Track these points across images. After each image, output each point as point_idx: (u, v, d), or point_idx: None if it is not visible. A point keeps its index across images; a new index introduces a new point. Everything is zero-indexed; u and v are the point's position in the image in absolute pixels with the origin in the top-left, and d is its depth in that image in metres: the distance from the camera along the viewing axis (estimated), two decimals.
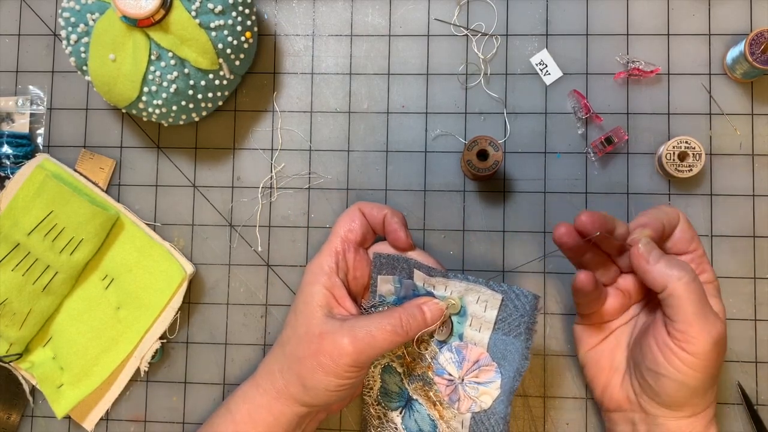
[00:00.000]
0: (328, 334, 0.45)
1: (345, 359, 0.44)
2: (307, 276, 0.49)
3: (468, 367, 0.48)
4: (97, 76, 0.52)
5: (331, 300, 0.48)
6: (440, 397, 0.50)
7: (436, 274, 0.48)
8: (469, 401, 0.48)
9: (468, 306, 0.48)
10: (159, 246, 0.57)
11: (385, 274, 0.50)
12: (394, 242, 0.50)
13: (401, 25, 0.58)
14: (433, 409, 0.50)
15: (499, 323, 0.47)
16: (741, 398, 0.54)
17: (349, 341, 0.45)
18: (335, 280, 0.49)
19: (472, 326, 0.48)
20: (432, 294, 0.49)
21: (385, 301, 0.50)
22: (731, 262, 0.55)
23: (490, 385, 0.48)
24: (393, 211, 0.50)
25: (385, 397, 0.53)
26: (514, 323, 0.46)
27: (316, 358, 0.45)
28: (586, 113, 0.55)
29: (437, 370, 0.50)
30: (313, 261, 0.50)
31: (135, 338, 0.56)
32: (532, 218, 0.56)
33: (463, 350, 0.49)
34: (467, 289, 0.48)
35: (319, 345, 0.45)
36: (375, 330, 0.45)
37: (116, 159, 0.59)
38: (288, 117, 0.58)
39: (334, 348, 0.45)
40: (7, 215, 0.55)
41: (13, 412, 0.58)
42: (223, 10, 0.51)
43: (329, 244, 0.50)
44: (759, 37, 0.52)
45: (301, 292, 0.49)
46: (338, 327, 0.46)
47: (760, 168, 0.55)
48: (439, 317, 0.48)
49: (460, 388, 0.49)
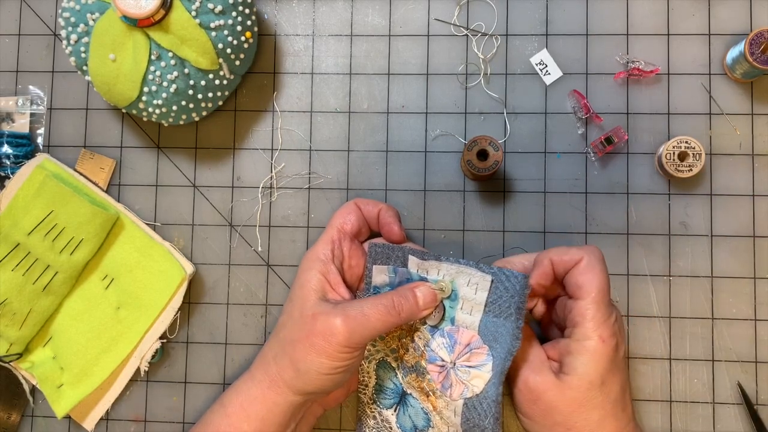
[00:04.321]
0: (321, 314, 0.46)
1: (337, 338, 0.45)
2: (303, 263, 0.50)
3: (459, 351, 0.49)
4: (97, 76, 0.52)
5: (325, 285, 0.49)
6: (433, 387, 0.50)
7: (429, 257, 0.49)
8: (461, 386, 0.48)
9: (459, 289, 0.49)
10: (159, 246, 0.57)
11: (380, 263, 0.51)
12: (388, 235, 0.51)
13: (401, 25, 0.58)
14: (426, 400, 0.51)
15: (490, 305, 0.48)
16: (741, 398, 0.54)
17: (342, 321, 0.45)
18: (330, 267, 0.49)
19: (464, 309, 0.49)
20: (425, 279, 0.50)
21: (379, 291, 0.51)
22: (731, 262, 0.55)
23: (482, 368, 0.48)
24: (388, 207, 0.52)
25: (380, 395, 0.53)
26: (505, 305, 0.47)
27: (308, 339, 0.45)
28: (586, 113, 0.55)
29: (430, 357, 0.50)
30: (309, 251, 0.51)
31: (135, 338, 0.56)
32: (532, 218, 0.56)
33: (454, 334, 0.49)
34: (458, 271, 0.48)
35: (312, 326, 0.46)
36: (367, 309, 0.46)
37: (116, 159, 0.59)
38: (288, 117, 0.58)
39: (326, 328, 0.45)
40: (7, 215, 0.55)
41: (13, 412, 0.58)
42: (223, 10, 0.51)
43: (325, 234, 0.51)
44: (759, 37, 0.52)
45: (297, 280, 0.50)
46: (331, 308, 0.46)
47: (760, 168, 0.55)
48: (432, 301, 0.48)
49: (452, 372, 0.49)
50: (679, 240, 0.55)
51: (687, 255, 0.55)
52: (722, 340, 0.54)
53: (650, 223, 0.56)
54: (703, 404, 0.54)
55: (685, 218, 0.55)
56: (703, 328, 0.55)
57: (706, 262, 0.55)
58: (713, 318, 0.55)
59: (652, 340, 0.55)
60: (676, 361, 0.55)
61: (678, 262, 0.55)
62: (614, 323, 0.45)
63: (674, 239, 0.55)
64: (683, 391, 0.54)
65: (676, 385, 0.54)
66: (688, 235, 0.55)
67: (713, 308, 0.55)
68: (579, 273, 0.46)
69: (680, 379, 0.54)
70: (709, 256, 0.55)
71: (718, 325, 0.55)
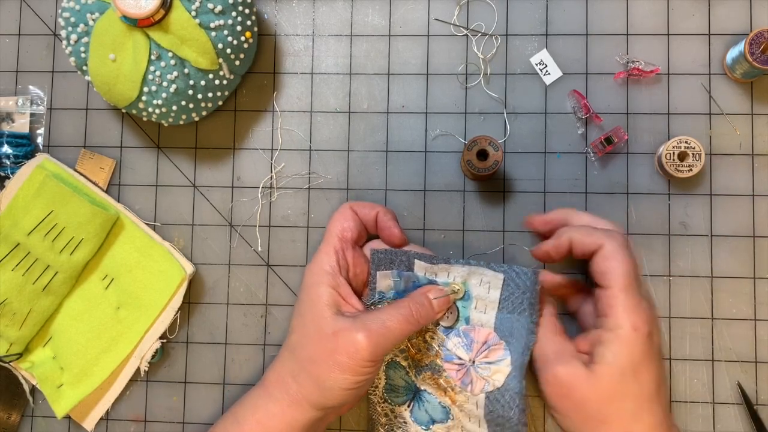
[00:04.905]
0: (342, 331, 0.45)
1: (362, 354, 0.44)
2: (310, 278, 0.49)
3: (477, 349, 0.49)
4: (97, 76, 0.52)
5: (338, 299, 0.48)
6: (451, 383, 0.50)
7: (439, 261, 0.49)
8: (482, 382, 0.49)
9: (472, 289, 0.49)
10: (159, 246, 0.57)
11: (384, 269, 0.50)
12: (389, 239, 0.51)
13: (401, 25, 0.58)
14: (444, 395, 0.51)
15: (503, 302, 0.48)
16: (741, 398, 0.54)
17: (364, 336, 0.44)
18: (339, 279, 0.49)
19: (477, 308, 0.49)
20: (435, 282, 0.50)
21: (385, 296, 0.51)
22: (731, 262, 0.55)
23: (500, 363, 0.48)
24: (385, 210, 0.51)
25: (391, 393, 0.53)
26: (517, 301, 0.48)
27: (332, 357, 0.45)
28: (586, 113, 0.55)
29: (446, 356, 0.50)
30: (312, 263, 0.49)
31: (135, 338, 0.56)
32: None
33: (470, 333, 0.49)
34: (470, 272, 0.49)
35: (334, 344, 0.45)
36: (388, 321, 0.45)
37: (116, 159, 0.59)
38: (288, 117, 0.58)
39: (350, 345, 0.44)
40: (7, 215, 0.55)
41: (13, 412, 0.58)
42: (223, 10, 0.51)
43: (327, 244, 0.50)
44: (759, 37, 0.52)
45: (307, 295, 0.48)
46: (351, 323, 0.45)
47: (760, 168, 0.55)
48: (445, 304, 0.49)
49: (472, 370, 0.49)
50: (679, 240, 0.55)
51: (687, 255, 0.55)
52: (722, 340, 0.54)
53: (650, 223, 0.56)
54: (703, 404, 0.54)
55: (685, 218, 0.55)
56: (703, 328, 0.55)
57: (706, 262, 0.55)
58: (713, 318, 0.55)
59: None
60: (676, 361, 0.55)
61: (678, 262, 0.55)
62: (646, 310, 0.44)
63: (674, 239, 0.55)
64: (683, 391, 0.54)
65: (676, 385, 0.54)
66: (688, 235, 0.55)
67: (713, 308, 0.55)
68: (603, 259, 0.45)
69: (680, 379, 0.54)
70: (709, 256, 0.55)
71: (718, 325, 0.55)
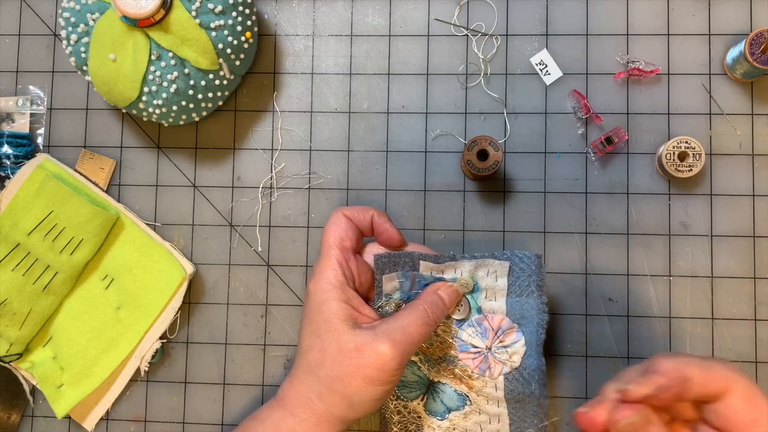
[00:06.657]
0: (366, 345, 0.44)
1: (390, 364, 0.44)
2: (319, 295, 0.47)
3: (493, 335, 0.50)
4: (97, 76, 0.52)
5: (352, 311, 0.47)
6: (467, 371, 0.51)
7: (444, 260, 0.50)
8: (500, 365, 0.50)
9: (480, 281, 0.51)
10: (159, 246, 0.57)
11: (389, 272, 0.50)
12: (388, 241, 0.50)
13: (401, 25, 0.58)
14: (461, 383, 0.51)
15: (511, 287, 0.50)
16: None
17: (390, 346, 0.44)
18: (349, 291, 0.47)
19: (488, 297, 0.51)
20: (442, 279, 0.50)
21: (391, 298, 0.50)
22: (731, 262, 0.55)
23: (516, 344, 0.50)
24: (379, 212, 0.50)
25: (404, 390, 0.53)
26: (524, 284, 0.50)
27: (359, 372, 0.44)
28: (586, 113, 0.55)
29: (461, 347, 0.51)
30: (316, 279, 0.48)
31: (135, 338, 0.56)
32: (532, 218, 0.56)
33: (483, 322, 0.51)
34: (476, 265, 0.50)
35: (359, 359, 0.44)
36: (408, 326, 0.45)
37: (116, 159, 0.59)
38: (288, 117, 0.58)
39: (377, 358, 0.44)
40: (7, 215, 0.55)
41: (13, 412, 0.58)
42: (223, 10, 0.51)
43: (327, 257, 0.48)
44: (759, 37, 0.52)
45: (319, 313, 0.47)
46: (372, 336, 0.45)
47: (760, 168, 0.55)
48: (455, 299, 0.49)
49: (489, 356, 0.50)
50: (679, 240, 0.55)
51: (687, 255, 0.55)
52: (722, 340, 0.54)
53: (650, 223, 0.56)
54: None
55: (685, 218, 0.55)
56: (703, 328, 0.55)
57: (706, 262, 0.55)
58: (713, 318, 0.55)
59: (652, 340, 0.55)
60: None
61: (678, 262, 0.55)
62: None
63: (674, 239, 0.55)
64: None
65: None
66: (688, 235, 0.55)
67: (713, 308, 0.55)
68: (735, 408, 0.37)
69: None
70: (709, 256, 0.55)
71: (718, 325, 0.55)
